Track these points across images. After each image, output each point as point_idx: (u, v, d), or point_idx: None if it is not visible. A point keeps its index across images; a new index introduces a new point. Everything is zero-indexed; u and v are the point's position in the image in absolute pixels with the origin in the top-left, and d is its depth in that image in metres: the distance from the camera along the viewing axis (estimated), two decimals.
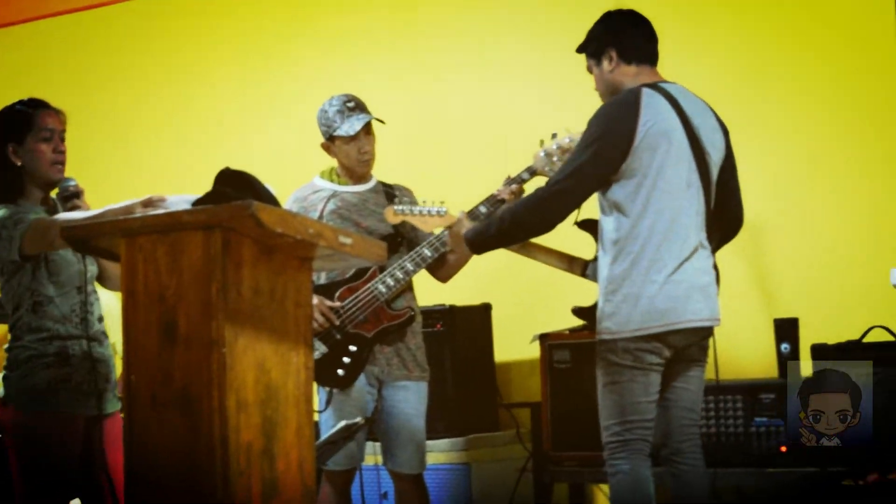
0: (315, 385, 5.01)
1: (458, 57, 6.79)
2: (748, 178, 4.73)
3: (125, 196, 3.93)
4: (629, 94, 4.31)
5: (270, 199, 3.57)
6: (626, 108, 4.27)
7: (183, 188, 3.89)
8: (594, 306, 4.40)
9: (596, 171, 4.27)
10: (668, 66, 4.55)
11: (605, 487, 5.86)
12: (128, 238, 3.44)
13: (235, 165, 3.67)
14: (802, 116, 5.93)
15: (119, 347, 3.66)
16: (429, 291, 5.55)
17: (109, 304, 5.09)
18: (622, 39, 4.42)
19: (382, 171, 5.28)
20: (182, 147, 7.49)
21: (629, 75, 4.41)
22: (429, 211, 4.72)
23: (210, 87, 7.49)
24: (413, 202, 5.14)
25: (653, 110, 4.27)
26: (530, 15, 6.60)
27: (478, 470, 5.89)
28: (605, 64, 4.43)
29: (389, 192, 5.19)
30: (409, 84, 6.85)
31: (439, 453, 5.81)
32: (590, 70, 4.50)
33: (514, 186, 4.87)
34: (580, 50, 4.52)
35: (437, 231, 4.94)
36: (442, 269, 5.16)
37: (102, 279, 4.40)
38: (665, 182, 4.26)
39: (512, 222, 4.37)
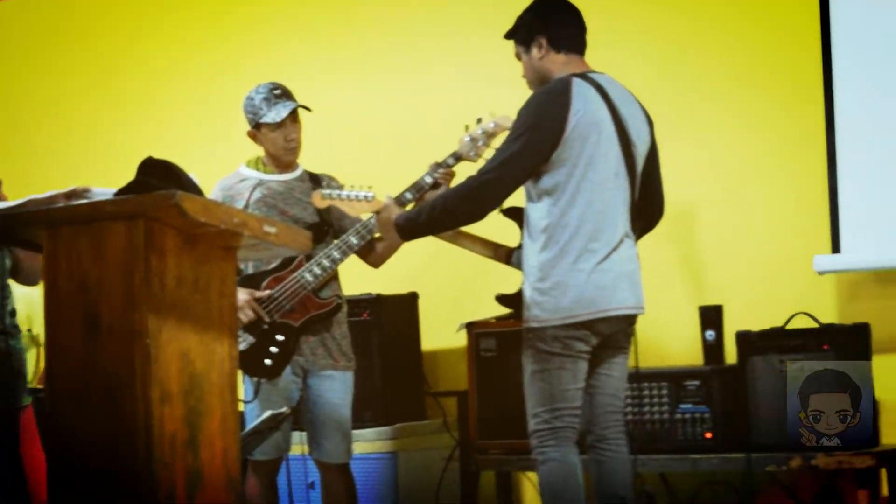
0: (242, 376, 5.00)
1: (386, 48, 6.77)
2: (674, 167, 4.75)
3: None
4: (559, 84, 4.30)
5: (194, 189, 3.55)
6: (557, 97, 4.26)
7: (110, 182, 3.84)
8: (518, 294, 4.40)
9: (527, 160, 4.26)
10: (600, 56, 4.56)
11: (531, 475, 5.88)
12: (50, 229, 3.40)
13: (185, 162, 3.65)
14: (728, 107, 5.96)
15: (42, 339, 3.62)
16: (355, 280, 5.53)
17: (32, 296, 5.02)
18: (552, 27, 4.41)
19: (311, 160, 5.26)
20: (115, 138, 7.41)
21: (558, 64, 4.40)
22: (356, 195, 4.68)
23: (145, 80, 7.40)
24: (340, 189, 5.11)
25: (583, 100, 4.26)
26: (454, 7, 6.61)
27: (404, 459, 5.88)
28: (535, 51, 4.42)
29: (316, 181, 5.16)
30: (341, 76, 6.82)
31: (366, 442, 5.79)
32: (518, 57, 4.49)
33: (445, 170, 4.86)
34: (509, 36, 4.50)
35: (365, 216, 4.91)
36: (372, 254, 5.15)
37: (15, 273, 4.32)
38: (595, 172, 4.27)
39: (443, 210, 4.35)
